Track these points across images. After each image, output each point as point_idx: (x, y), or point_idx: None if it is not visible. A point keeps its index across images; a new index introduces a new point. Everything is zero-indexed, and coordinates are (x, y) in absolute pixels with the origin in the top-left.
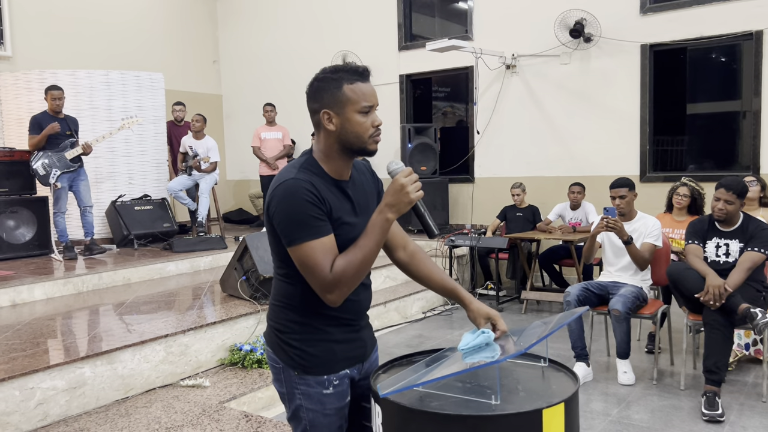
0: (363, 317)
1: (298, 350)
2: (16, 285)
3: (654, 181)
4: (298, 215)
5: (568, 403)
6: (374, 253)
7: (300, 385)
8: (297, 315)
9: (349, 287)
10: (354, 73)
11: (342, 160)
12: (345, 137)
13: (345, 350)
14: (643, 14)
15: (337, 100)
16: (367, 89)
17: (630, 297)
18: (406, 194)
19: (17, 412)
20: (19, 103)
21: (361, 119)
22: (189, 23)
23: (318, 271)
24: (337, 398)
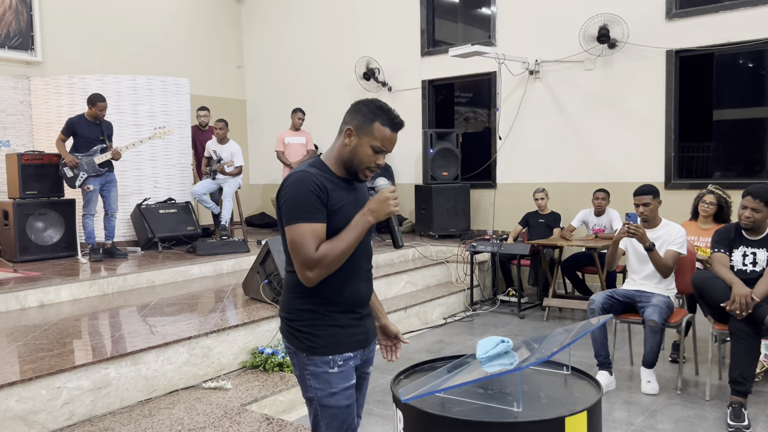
0: (365, 306)
1: (306, 334)
2: (43, 286)
3: (679, 188)
4: (300, 199)
5: (591, 411)
6: (352, 246)
7: (308, 366)
8: (305, 303)
9: (328, 270)
10: (390, 120)
11: (343, 171)
12: (351, 156)
13: (348, 334)
14: (669, 20)
15: (364, 127)
16: (391, 137)
17: (664, 307)
18: (387, 205)
19: (44, 411)
20: (49, 108)
21: (370, 153)
22: (214, 29)
23: (304, 249)
24: (343, 378)
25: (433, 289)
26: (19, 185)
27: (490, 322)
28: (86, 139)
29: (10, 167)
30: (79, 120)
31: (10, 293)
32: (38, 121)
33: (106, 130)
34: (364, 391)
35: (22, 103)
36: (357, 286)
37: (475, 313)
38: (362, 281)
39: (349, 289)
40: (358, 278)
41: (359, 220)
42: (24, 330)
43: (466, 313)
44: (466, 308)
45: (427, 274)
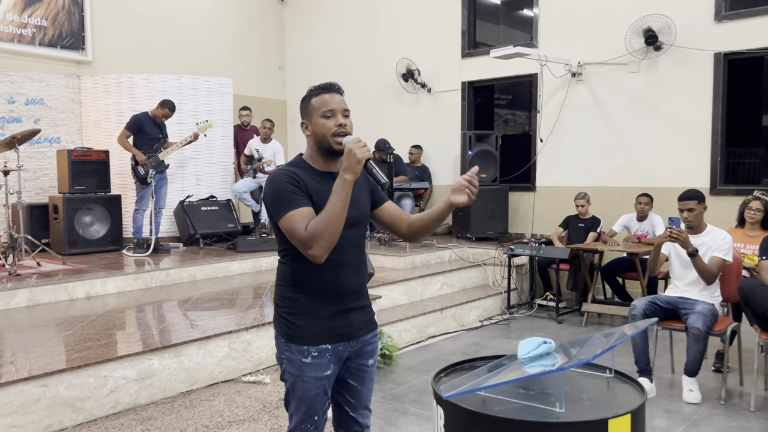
0: (352, 299)
1: (287, 321)
2: (90, 278)
3: (725, 194)
4: (278, 194)
5: (635, 414)
6: (339, 210)
7: (285, 351)
8: (289, 291)
9: (326, 240)
10: (319, 88)
11: (323, 158)
12: (316, 139)
13: (327, 327)
14: (718, 21)
15: (307, 111)
16: (329, 98)
17: (709, 315)
18: (353, 155)
19: (91, 399)
20: (98, 106)
21: (324, 121)
22: (257, 30)
23: (297, 232)
24: (315, 368)
25: (470, 291)
26: (68, 180)
27: (526, 326)
28: (148, 136)
29: (60, 163)
30: (145, 118)
31: (59, 284)
32: (87, 119)
33: (164, 129)
34: (368, 384)
35: (73, 101)
36: (341, 278)
37: (511, 316)
38: (348, 273)
39: (331, 280)
40: (341, 270)
41: (337, 183)
42: (72, 320)
43: (502, 317)
44: (502, 311)
45: (464, 276)
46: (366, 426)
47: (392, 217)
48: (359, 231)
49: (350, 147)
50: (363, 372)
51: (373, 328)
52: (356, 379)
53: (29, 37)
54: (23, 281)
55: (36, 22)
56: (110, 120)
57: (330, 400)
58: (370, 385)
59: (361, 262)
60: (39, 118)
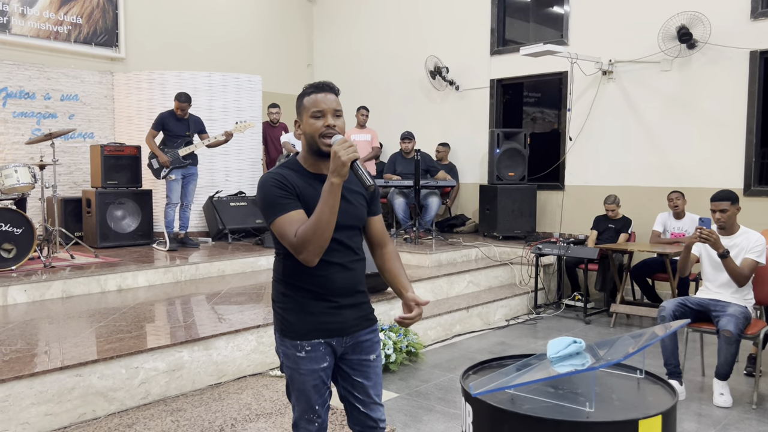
0: (345, 296)
1: (281, 317)
2: (122, 271)
3: (759, 195)
4: (267, 198)
5: (666, 415)
6: (327, 215)
7: (281, 346)
8: (283, 287)
9: (314, 246)
10: (311, 88)
11: (313, 158)
12: (306, 138)
13: (319, 322)
14: (754, 19)
15: (300, 110)
16: (320, 98)
17: (741, 318)
18: (338, 158)
19: (123, 389)
20: (130, 102)
21: (313, 121)
22: (286, 27)
23: (287, 237)
24: (310, 361)
25: (496, 290)
26: (101, 175)
27: (554, 326)
28: (173, 134)
29: (93, 158)
30: (169, 115)
31: (92, 277)
32: (120, 115)
33: (195, 126)
34: (374, 379)
35: (106, 97)
36: (330, 278)
37: (538, 316)
38: (338, 273)
39: (320, 279)
40: (331, 270)
41: (325, 186)
42: (104, 312)
43: (529, 316)
44: (529, 311)
45: (490, 275)
46: (380, 419)
47: (373, 234)
48: (353, 233)
49: (335, 149)
50: (366, 367)
51: (369, 324)
52: (360, 375)
53: (65, 35)
54: (57, 273)
55: (71, 19)
56: (142, 116)
57: (329, 389)
58: (377, 380)
59: (354, 262)
60: (73, 113)
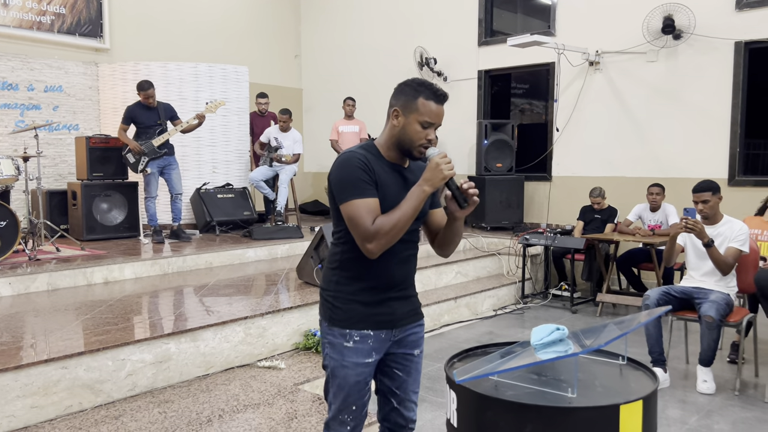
0: (397, 289)
1: (330, 304)
2: (108, 264)
3: (743, 185)
4: (349, 177)
5: (647, 401)
6: (408, 217)
7: (328, 335)
8: (336, 275)
9: (387, 240)
10: (432, 93)
11: (395, 152)
12: (401, 136)
13: (370, 313)
14: (739, 10)
15: (409, 105)
16: (435, 109)
17: (722, 304)
18: (440, 171)
19: (109, 381)
20: (115, 93)
21: (419, 129)
22: (273, 18)
23: (361, 223)
24: (356, 353)
25: (484, 280)
26: (86, 167)
27: (541, 315)
28: (145, 125)
29: (78, 150)
30: (136, 107)
31: (78, 269)
32: (105, 106)
33: (165, 113)
34: (414, 375)
35: (91, 88)
36: (388, 269)
37: (525, 306)
38: (396, 265)
39: (379, 269)
40: (390, 261)
41: (415, 191)
42: (91, 305)
43: (516, 306)
44: (516, 301)
45: (478, 266)
46: (412, 420)
47: (435, 225)
48: (414, 226)
49: (438, 161)
50: (409, 362)
51: (417, 318)
52: (402, 369)
53: (48, 25)
54: (43, 266)
55: (55, 9)
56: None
57: (369, 393)
58: (416, 377)
59: (412, 256)
60: (58, 105)
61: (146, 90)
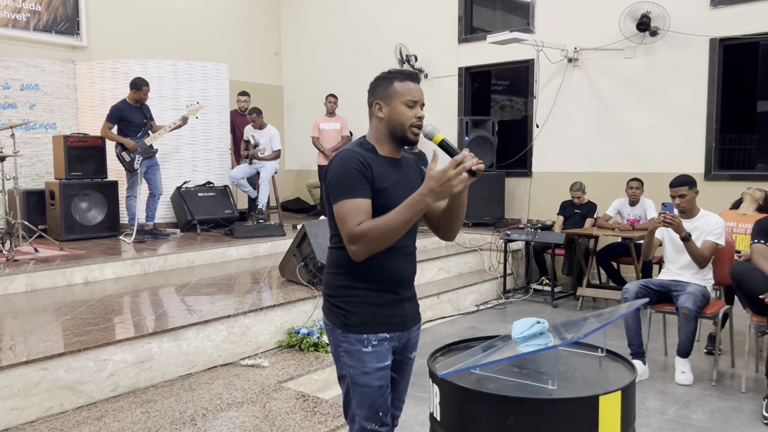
0: (406, 288)
1: (343, 311)
2: (88, 264)
3: (719, 179)
4: (343, 177)
5: (625, 391)
6: (400, 227)
7: (343, 343)
8: (344, 280)
9: (373, 245)
10: (404, 74)
11: (389, 144)
12: (391, 124)
13: (385, 315)
14: (714, 7)
15: (387, 93)
16: (414, 87)
17: (699, 295)
18: (449, 186)
19: (91, 382)
20: (93, 91)
21: (405, 110)
22: (253, 15)
23: (347, 223)
24: (376, 358)
25: (466, 276)
26: (65, 166)
27: (522, 310)
28: (133, 123)
29: (56, 149)
30: (124, 106)
31: (57, 270)
32: (83, 105)
33: (148, 112)
34: (407, 377)
35: (68, 86)
36: (397, 265)
37: (507, 301)
38: (405, 262)
39: (388, 267)
40: (399, 258)
41: (415, 200)
42: (71, 305)
43: (498, 301)
44: (498, 296)
45: (460, 262)
46: (397, 417)
47: (433, 210)
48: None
49: (450, 175)
50: (405, 364)
51: (419, 319)
52: (398, 371)
53: (23, 22)
54: (21, 267)
55: (30, 6)
56: (106, 105)
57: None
58: (409, 378)
59: (414, 251)
60: (34, 103)
61: (142, 88)
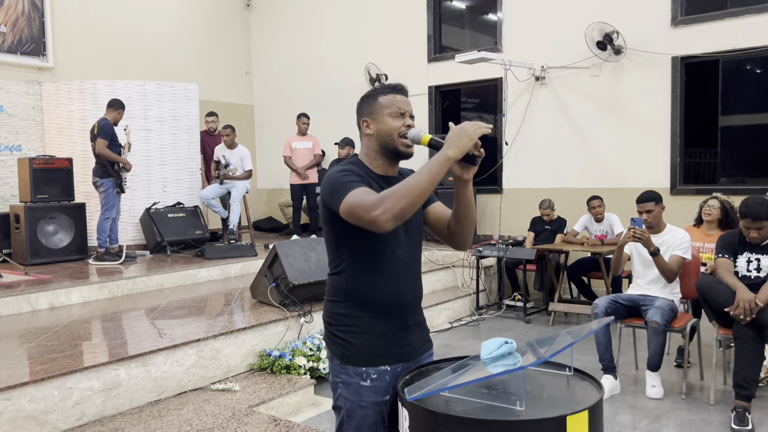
0: (411, 314)
1: (342, 340)
2: (54, 288)
3: (685, 193)
4: (338, 182)
5: (593, 410)
6: (425, 183)
7: (341, 374)
8: (344, 307)
9: (393, 204)
10: (389, 88)
11: (382, 159)
12: (381, 137)
13: (387, 346)
14: (675, 26)
15: (372, 109)
16: (400, 99)
17: (667, 309)
18: (465, 134)
19: (55, 411)
20: (60, 113)
21: (392, 121)
22: (223, 35)
23: (361, 203)
24: (374, 392)
25: (439, 293)
26: (30, 189)
27: (496, 326)
28: (116, 143)
29: (21, 171)
30: (111, 124)
31: (21, 296)
32: (49, 126)
33: None
34: None
35: (34, 108)
36: (401, 291)
37: (480, 317)
38: (408, 286)
39: (391, 293)
40: (401, 281)
41: (437, 157)
42: (35, 332)
43: (472, 318)
44: (472, 313)
45: (433, 279)
46: None
47: (438, 217)
48: (419, 239)
49: (467, 127)
50: None
51: (430, 346)
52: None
53: None
54: None
55: None
56: (73, 127)
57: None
58: None
59: (419, 274)
60: None
61: (119, 110)
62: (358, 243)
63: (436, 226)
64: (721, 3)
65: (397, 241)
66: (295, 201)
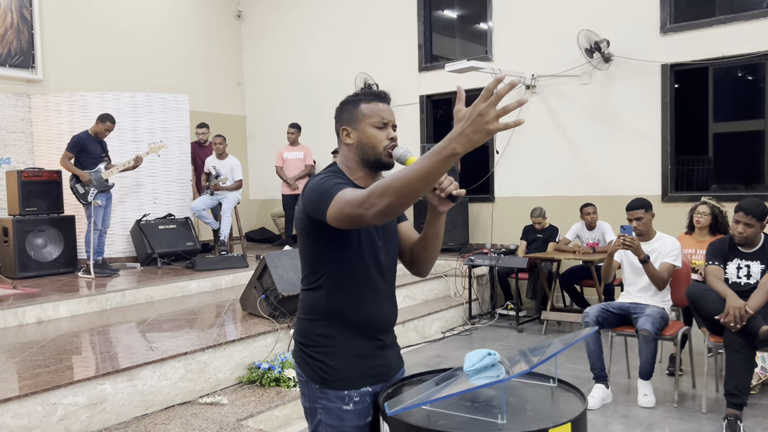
0: (388, 333)
1: (321, 363)
2: (42, 302)
3: (676, 201)
4: (323, 187)
5: (576, 422)
6: (422, 175)
7: (321, 400)
8: (320, 327)
9: (385, 192)
10: (371, 95)
11: (363, 171)
12: (362, 149)
13: (367, 366)
14: (663, 34)
15: (354, 117)
16: (383, 107)
17: (657, 317)
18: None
19: (39, 428)
20: (49, 125)
21: (375, 132)
22: (214, 45)
23: (351, 200)
24: (357, 416)
25: (432, 303)
26: (18, 202)
27: (488, 335)
28: (92, 155)
29: (10, 184)
30: (86, 137)
31: (8, 310)
32: (39, 139)
33: (105, 147)
34: None
35: (23, 120)
36: (378, 309)
37: (473, 326)
38: (387, 305)
39: (373, 312)
40: (381, 300)
41: (442, 146)
42: (21, 346)
43: (464, 327)
44: (464, 322)
45: (426, 288)
46: None
47: (404, 238)
48: (395, 254)
49: (481, 108)
50: None
51: (402, 365)
52: None
53: None
54: None
55: None
56: (63, 139)
57: None
58: None
59: (394, 292)
60: None
61: (106, 122)
62: (340, 258)
63: (401, 246)
64: (709, 10)
65: (376, 257)
66: (287, 211)
